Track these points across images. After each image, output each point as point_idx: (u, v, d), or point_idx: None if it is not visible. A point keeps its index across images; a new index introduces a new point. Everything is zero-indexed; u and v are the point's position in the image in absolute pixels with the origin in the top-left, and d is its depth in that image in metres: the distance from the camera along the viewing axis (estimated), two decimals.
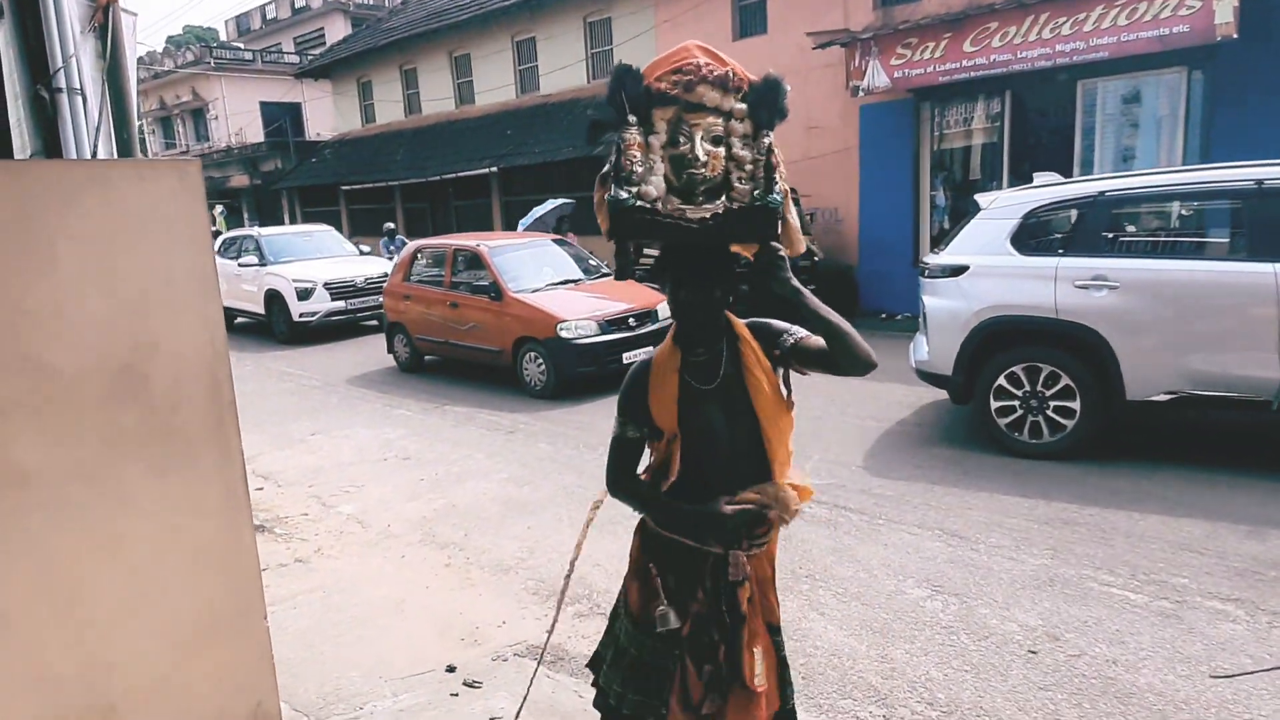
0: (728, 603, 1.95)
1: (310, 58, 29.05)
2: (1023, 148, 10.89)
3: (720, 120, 1.79)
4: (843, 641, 3.48)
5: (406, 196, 21.04)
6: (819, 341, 1.88)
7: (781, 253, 1.80)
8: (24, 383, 2.06)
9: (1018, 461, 5.49)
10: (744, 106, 1.80)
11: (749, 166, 1.78)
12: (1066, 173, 10.08)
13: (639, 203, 1.74)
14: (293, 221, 25.98)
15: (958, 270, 5.86)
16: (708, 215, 1.76)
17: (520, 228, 13.46)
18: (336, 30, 32.25)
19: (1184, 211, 7.09)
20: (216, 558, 2.40)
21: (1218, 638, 3.35)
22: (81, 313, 2.13)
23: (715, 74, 1.78)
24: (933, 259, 6.19)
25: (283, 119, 29.98)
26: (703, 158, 1.76)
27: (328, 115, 27.09)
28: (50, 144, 3.16)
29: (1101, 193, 5.52)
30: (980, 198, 6.24)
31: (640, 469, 2.10)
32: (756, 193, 1.77)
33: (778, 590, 2.11)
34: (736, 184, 1.78)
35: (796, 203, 11.05)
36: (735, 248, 1.90)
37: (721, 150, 1.78)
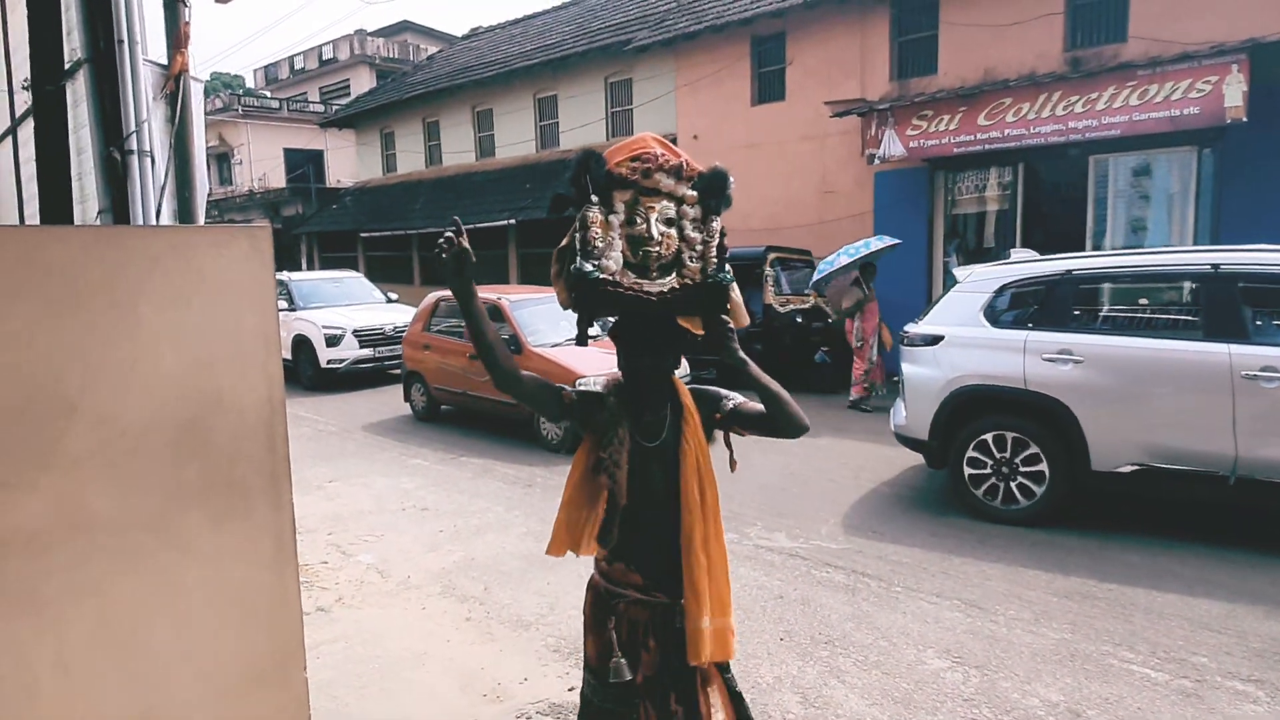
0: (677, 651, 2.04)
1: (335, 108, 29.81)
2: (1036, 216, 11.11)
3: (673, 204, 1.99)
4: (864, 711, 3.49)
5: (424, 245, 21.39)
6: (757, 406, 2.08)
7: (730, 326, 2.02)
8: (100, 435, 2.16)
9: (1034, 532, 5.52)
10: (695, 194, 2.00)
11: (699, 247, 1.98)
12: (1079, 243, 10.29)
13: (601, 276, 1.89)
14: (310, 267, 26.35)
15: (934, 340, 6.07)
16: (665, 290, 1.94)
17: (832, 265, 10.34)
18: (362, 82, 33.11)
19: (1148, 291, 7.32)
20: (265, 608, 2.47)
21: (1239, 719, 3.36)
22: (155, 370, 2.25)
23: (670, 164, 1.99)
24: (912, 328, 6.42)
25: (305, 165, 30.63)
26: (657, 237, 1.95)
27: (349, 163, 27.68)
28: (119, 202, 3.32)
29: (1069, 271, 5.75)
30: (957, 271, 6.50)
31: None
32: (708, 271, 1.96)
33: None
34: (688, 262, 1.97)
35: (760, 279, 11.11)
36: (683, 321, 2.04)
37: (674, 231, 1.97)
